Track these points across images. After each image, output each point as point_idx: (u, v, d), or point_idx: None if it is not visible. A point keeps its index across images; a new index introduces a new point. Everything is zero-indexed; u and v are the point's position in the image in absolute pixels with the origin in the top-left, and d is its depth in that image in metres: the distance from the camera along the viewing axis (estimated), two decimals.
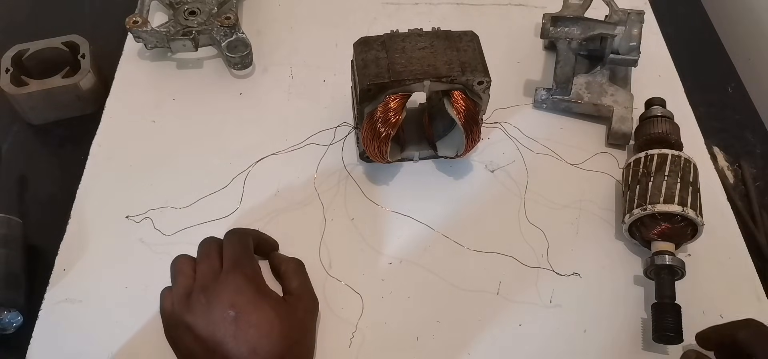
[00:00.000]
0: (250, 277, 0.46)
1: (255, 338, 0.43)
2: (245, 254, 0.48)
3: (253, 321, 0.43)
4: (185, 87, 0.67)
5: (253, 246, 0.50)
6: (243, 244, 0.49)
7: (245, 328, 0.43)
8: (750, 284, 0.55)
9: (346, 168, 0.60)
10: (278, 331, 0.44)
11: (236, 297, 0.44)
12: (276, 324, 0.44)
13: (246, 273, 0.46)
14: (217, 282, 0.45)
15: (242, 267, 0.46)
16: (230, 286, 0.45)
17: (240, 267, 0.46)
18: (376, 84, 0.52)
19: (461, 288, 0.54)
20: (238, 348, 0.42)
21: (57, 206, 0.57)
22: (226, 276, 0.45)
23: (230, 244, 0.49)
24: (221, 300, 0.44)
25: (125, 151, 0.61)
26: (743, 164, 0.65)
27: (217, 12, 0.70)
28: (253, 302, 0.44)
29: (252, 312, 0.44)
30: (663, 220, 0.52)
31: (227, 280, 0.45)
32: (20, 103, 0.62)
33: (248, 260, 0.48)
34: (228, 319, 0.43)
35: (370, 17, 0.76)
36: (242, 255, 0.48)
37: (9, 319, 0.50)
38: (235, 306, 0.44)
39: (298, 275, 0.50)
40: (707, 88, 0.72)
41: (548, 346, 0.51)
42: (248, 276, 0.46)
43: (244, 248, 0.49)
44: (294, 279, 0.50)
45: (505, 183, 0.61)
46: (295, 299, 0.48)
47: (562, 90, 0.65)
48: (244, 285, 0.45)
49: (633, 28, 0.63)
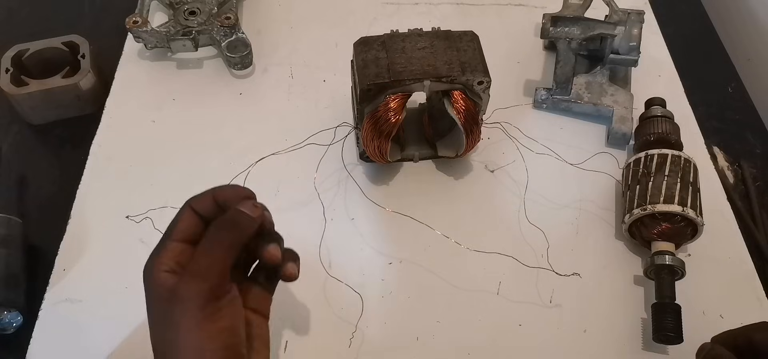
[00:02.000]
0: (198, 307, 0.36)
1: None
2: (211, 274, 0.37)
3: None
4: (185, 87, 0.67)
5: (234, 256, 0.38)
6: (219, 261, 0.37)
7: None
8: (750, 284, 0.55)
9: (346, 168, 0.60)
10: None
11: (170, 331, 0.36)
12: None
13: (196, 304, 0.36)
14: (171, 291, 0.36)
15: (193, 298, 0.36)
16: (171, 313, 0.36)
17: (191, 299, 0.36)
18: (376, 84, 0.52)
19: (461, 288, 0.54)
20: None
21: (57, 206, 0.57)
22: (173, 300, 0.36)
23: (207, 250, 0.37)
24: (157, 320, 0.38)
25: (125, 151, 0.61)
26: (743, 164, 0.65)
27: (217, 12, 0.70)
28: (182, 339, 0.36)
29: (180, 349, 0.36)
30: (663, 220, 0.52)
31: (173, 304, 0.36)
32: (20, 103, 0.62)
33: (207, 285, 0.36)
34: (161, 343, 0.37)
35: (370, 17, 0.76)
36: (208, 274, 0.36)
37: (9, 319, 0.50)
38: (167, 341, 0.37)
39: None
40: (707, 88, 0.72)
41: (548, 346, 0.51)
42: (198, 305, 0.36)
43: (218, 266, 0.37)
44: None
45: (505, 183, 0.61)
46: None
47: (562, 90, 0.65)
48: (183, 319, 0.36)
49: (633, 28, 0.63)
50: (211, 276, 0.36)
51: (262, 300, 0.43)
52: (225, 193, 0.40)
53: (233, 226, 0.38)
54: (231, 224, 0.38)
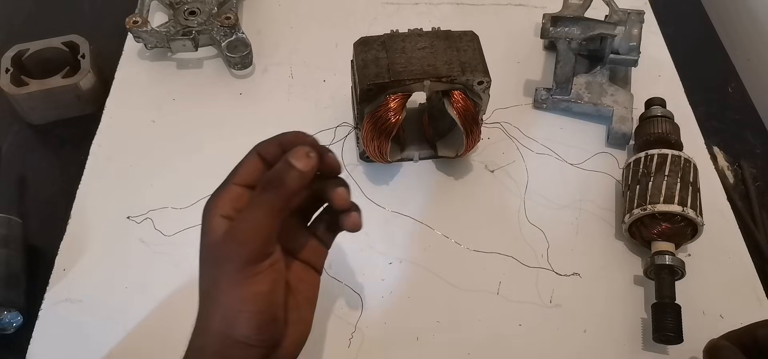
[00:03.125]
0: (243, 261, 0.35)
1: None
2: (263, 224, 0.35)
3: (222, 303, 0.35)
4: (185, 87, 0.67)
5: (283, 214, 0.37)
6: (261, 224, 0.36)
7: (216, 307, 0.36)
8: (750, 284, 0.55)
9: (346, 168, 0.60)
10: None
11: (218, 272, 0.36)
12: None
13: (241, 254, 0.35)
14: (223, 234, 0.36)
15: (243, 244, 0.35)
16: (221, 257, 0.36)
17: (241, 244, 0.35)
18: (376, 84, 0.52)
19: (461, 288, 0.54)
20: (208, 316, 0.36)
21: (57, 206, 0.57)
22: (217, 254, 0.36)
23: (251, 212, 0.36)
24: (207, 261, 0.37)
25: (125, 151, 0.61)
26: (743, 164, 0.65)
27: (217, 12, 0.70)
28: (226, 288, 0.35)
29: (223, 295, 0.35)
30: (663, 220, 0.52)
31: (224, 245, 0.35)
32: (20, 103, 0.62)
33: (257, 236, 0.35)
34: (207, 284, 0.37)
35: (370, 17, 0.76)
36: (248, 238, 0.35)
37: (9, 319, 0.50)
38: (214, 282, 0.36)
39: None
40: (707, 88, 0.72)
41: (548, 346, 0.51)
42: (243, 258, 0.35)
43: (260, 229, 0.35)
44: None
45: (505, 183, 0.61)
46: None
47: (562, 90, 0.65)
48: (228, 267, 0.35)
49: (633, 28, 0.63)
50: (252, 240, 0.35)
51: (318, 254, 0.42)
52: (287, 138, 0.39)
53: (279, 184, 0.36)
54: (277, 182, 0.36)
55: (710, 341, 0.45)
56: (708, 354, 0.45)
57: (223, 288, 0.35)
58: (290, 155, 0.36)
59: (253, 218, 0.36)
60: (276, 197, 0.36)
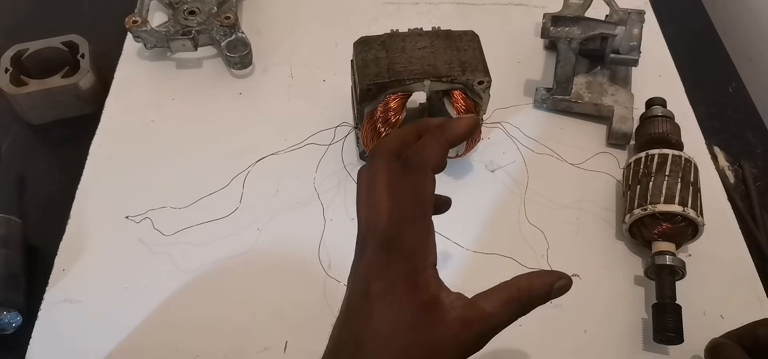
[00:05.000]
0: (405, 255, 0.33)
1: (366, 335, 0.33)
2: (420, 211, 0.35)
3: (376, 316, 0.33)
4: (185, 87, 0.67)
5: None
6: (425, 192, 0.35)
7: (366, 315, 0.33)
8: (750, 284, 0.55)
9: (346, 168, 0.60)
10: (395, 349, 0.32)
11: (376, 271, 0.34)
12: (398, 339, 0.32)
13: (403, 249, 0.34)
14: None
15: (404, 237, 0.34)
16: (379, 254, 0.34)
17: (402, 235, 0.34)
18: (376, 84, 0.52)
19: (461, 288, 0.53)
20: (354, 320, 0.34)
21: (57, 206, 0.57)
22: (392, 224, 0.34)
23: (412, 182, 0.35)
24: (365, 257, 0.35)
25: (125, 151, 0.61)
26: (744, 164, 0.65)
27: (217, 11, 0.70)
28: (388, 294, 0.33)
29: (381, 306, 0.33)
30: (664, 220, 0.52)
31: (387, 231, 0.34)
32: (20, 103, 0.62)
33: (415, 228, 0.34)
34: (360, 285, 0.34)
35: (370, 17, 0.76)
36: (416, 209, 0.34)
37: (9, 319, 0.50)
38: (369, 283, 0.34)
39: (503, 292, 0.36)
40: (708, 88, 0.72)
41: (548, 346, 0.51)
42: (406, 253, 0.34)
43: (422, 200, 0.35)
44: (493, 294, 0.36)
45: (505, 183, 0.61)
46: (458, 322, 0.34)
47: (563, 90, 0.65)
48: (391, 265, 0.33)
49: (633, 28, 0.63)
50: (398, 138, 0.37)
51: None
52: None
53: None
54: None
55: (711, 340, 0.45)
56: (709, 353, 0.45)
57: (374, 303, 0.33)
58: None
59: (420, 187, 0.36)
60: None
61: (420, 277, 0.34)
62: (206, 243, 0.54)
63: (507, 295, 0.36)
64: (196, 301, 0.52)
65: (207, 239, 0.54)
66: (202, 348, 0.49)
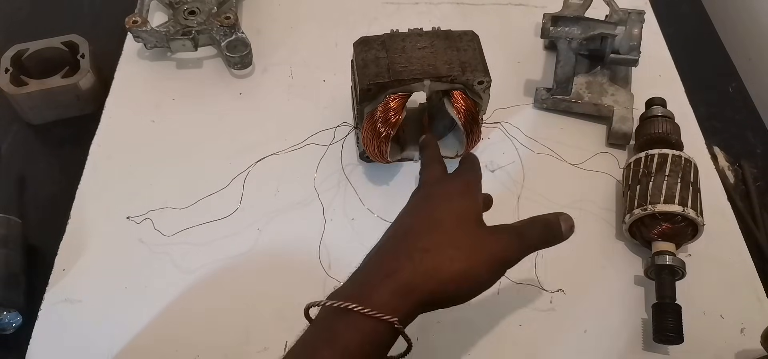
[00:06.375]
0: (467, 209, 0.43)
1: (432, 268, 0.41)
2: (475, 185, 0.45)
3: (440, 251, 0.41)
4: (185, 87, 0.67)
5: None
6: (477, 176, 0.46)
7: (432, 252, 0.41)
8: (750, 284, 0.55)
9: (346, 168, 0.60)
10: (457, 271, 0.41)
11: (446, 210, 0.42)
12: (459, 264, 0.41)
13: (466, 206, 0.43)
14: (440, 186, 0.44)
15: (468, 195, 0.43)
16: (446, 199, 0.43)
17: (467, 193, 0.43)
18: (376, 84, 0.52)
19: None
20: (414, 259, 0.41)
21: (57, 206, 0.57)
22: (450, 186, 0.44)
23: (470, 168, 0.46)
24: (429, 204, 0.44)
25: (125, 151, 0.61)
26: (744, 164, 0.65)
27: (217, 12, 0.70)
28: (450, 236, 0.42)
29: (444, 245, 0.41)
30: (663, 220, 0.52)
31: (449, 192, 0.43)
32: (20, 103, 0.62)
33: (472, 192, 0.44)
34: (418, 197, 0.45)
35: (370, 17, 0.76)
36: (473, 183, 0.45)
37: (9, 319, 0.50)
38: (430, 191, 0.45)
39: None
40: (708, 88, 0.72)
41: (548, 346, 0.51)
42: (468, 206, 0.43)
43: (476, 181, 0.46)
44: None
45: (505, 183, 0.61)
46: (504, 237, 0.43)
47: (563, 90, 0.65)
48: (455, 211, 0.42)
49: (633, 28, 0.63)
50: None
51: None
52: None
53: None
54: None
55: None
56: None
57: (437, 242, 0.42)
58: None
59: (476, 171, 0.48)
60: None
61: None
62: (206, 243, 0.54)
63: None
64: (196, 301, 0.52)
65: (207, 240, 0.54)
66: (202, 348, 0.49)
